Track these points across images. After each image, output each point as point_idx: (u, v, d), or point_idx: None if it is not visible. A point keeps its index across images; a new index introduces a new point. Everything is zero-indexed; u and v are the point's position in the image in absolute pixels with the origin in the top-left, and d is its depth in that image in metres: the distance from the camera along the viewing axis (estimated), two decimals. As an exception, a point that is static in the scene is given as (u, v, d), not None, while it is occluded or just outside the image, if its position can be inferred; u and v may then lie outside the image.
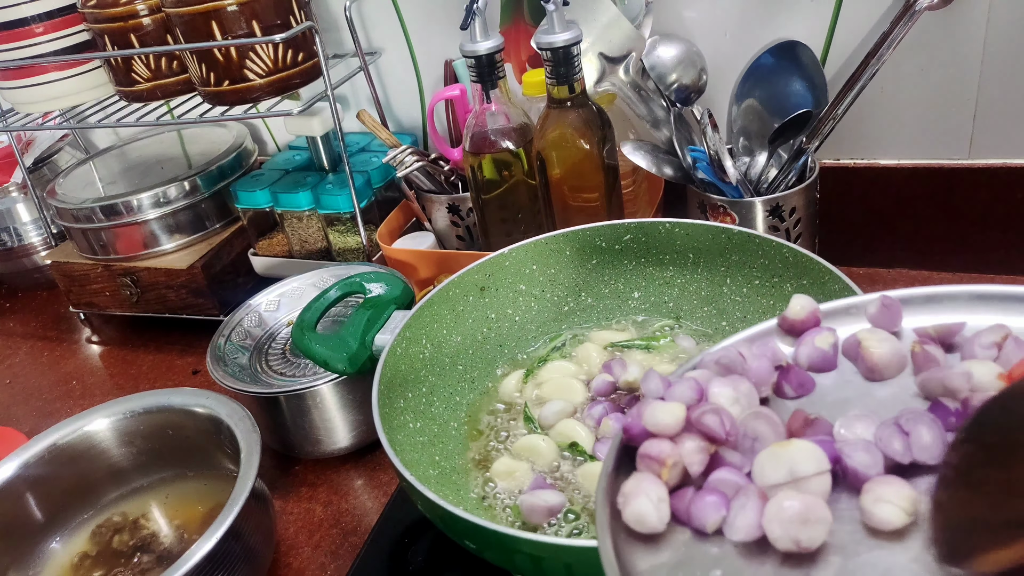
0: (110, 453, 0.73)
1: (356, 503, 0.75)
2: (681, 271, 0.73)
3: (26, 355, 1.10)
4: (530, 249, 0.74)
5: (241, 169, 1.07)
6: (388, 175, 0.99)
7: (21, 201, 1.19)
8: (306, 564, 0.70)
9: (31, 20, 0.96)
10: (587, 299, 0.76)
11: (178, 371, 0.99)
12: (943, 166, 0.84)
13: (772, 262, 0.67)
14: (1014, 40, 0.77)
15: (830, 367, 0.39)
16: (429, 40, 0.99)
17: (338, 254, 0.99)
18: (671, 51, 0.83)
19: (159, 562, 0.68)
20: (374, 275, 0.73)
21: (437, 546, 0.66)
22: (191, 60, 0.88)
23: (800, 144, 0.80)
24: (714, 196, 0.79)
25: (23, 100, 1.02)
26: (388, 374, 0.62)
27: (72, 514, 0.72)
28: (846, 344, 0.40)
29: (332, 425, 0.76)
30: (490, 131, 0.80)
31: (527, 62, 0.88)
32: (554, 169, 0.78)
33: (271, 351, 0.83)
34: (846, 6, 0.81)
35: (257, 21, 0.84)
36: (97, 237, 1.02)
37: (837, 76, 0.84)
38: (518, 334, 0.74)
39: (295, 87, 0.90)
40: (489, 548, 0.50)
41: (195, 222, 1.03)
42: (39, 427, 0.76)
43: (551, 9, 0.71)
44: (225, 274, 1.02)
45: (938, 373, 0.35)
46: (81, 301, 1.07)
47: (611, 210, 0.80)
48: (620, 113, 0.85)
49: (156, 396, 0.73)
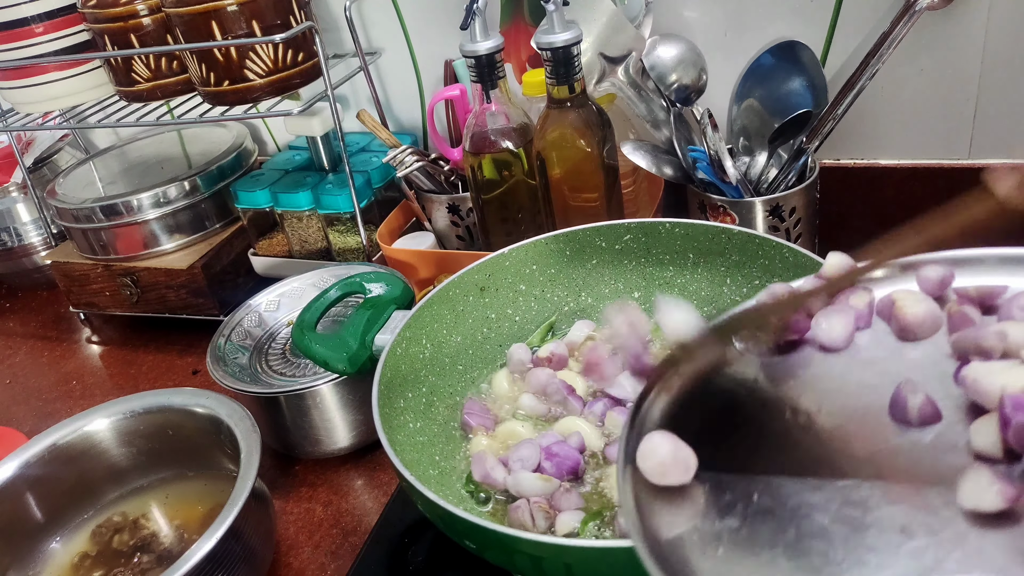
0: (110, 453, 0.73)
1: (356, 503, 0.75)
2: (681, 271, 0.73)
3: (26, 355, 1.10)
4: (530, 249, 0.74)
5: (241, 169, 1.07)
6: (388, 175, 0.99)
7: (21, 201, 1.19)
8: (306, 564, 0.70)
9: (31, 20, 0.96)
10: (587, 299, 0.76)
11: (178, 371, 0.99)
12: (943, 166, 0.84)
13: (772, 262, 0.67)
14: (1014, 40, 0.77)
15: (864, 325, 0.39)
16: (429, 40, 0.99)
17: (338, 254, 0.99)
18: (671, 51, 0.83)
19: (159, 562, 0.68)
20: (374, 275, 0.73)
21: (437, 546, 0.66)
22: (191, 60, 0.88)
23: (800, 144, 0.80)
24: (714, 196, 0.79)
25: (23, 100, 1.02)
26: (388, 374, 0.62)
27: (72, 514, 0.72)
28: (881, 304, 0.40)
29: (332, 425, 0.76)
30: (490, 131, 0.80)
31: (527, 62, 0.88)
32: (554, 169, 0.78)
33: (271, 351, 0.83)
34: (846, 6, 0.81)
35: (257, 21, 0.84)
36: (97, 237, 1.02)
37: (837, 76, 0.84)
38: (518, 334, 0.74)
39: (295, 87, 0.90)
40: (489, 548, 0.50)
41: (195, 222, 1.03)
42: (39, 427, 0.76)
43: (551, 9, 0.71)
44: (225, 274, 1.02)
45: (972, 332, 0.35)
46: (81, 301, 1.07)
47: (611, 210, 0.80)
48: (620, 113, 0.85)
49: (156, 396, 0.73)
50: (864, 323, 0.40)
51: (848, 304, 0.40)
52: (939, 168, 0.84)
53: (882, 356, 0.38)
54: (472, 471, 0.62)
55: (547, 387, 0.67)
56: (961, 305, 0.38)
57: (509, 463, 0.61)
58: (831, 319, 0.39)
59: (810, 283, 0.42)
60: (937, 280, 0.39)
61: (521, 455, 0.60)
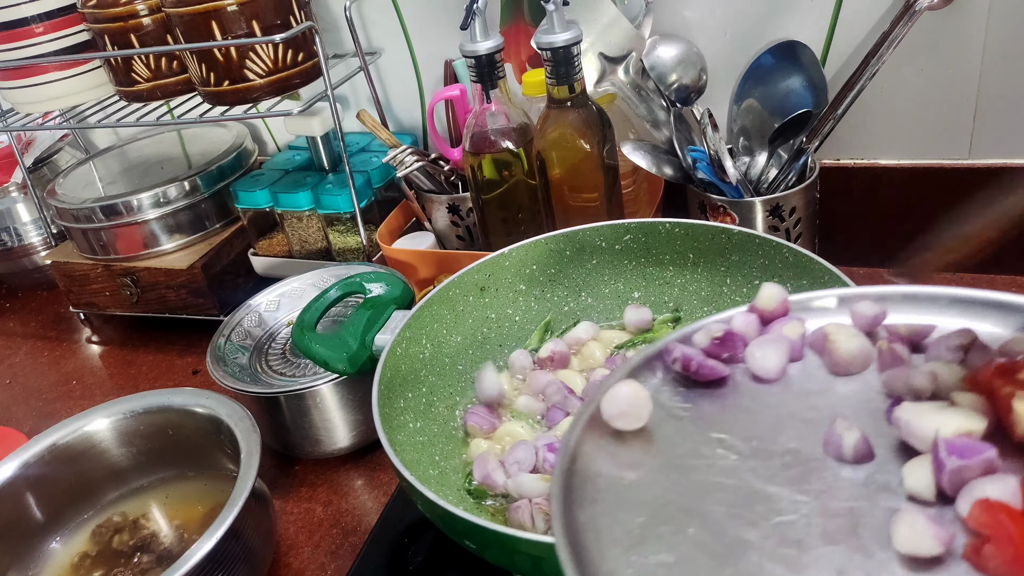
0: (110, 453, 0.73)
1: (356, 503, 0.75)
2: (681, 271, 0.73)
3: (26, 355, 1.10)
4: (530, 249, 0.74)
5: (241, 169, 1.07)
6: (388, 175, 0.99)
7: (21, 201, 1.19)
8: (306, 564, 0.70)
9: (31, 20, 0.96)
10: (587, 299, 0.76)
11: (178, 371, 0.99)
12: (943, 166, 0.84)
13: (772, 262, 0.67)
14: (1014, 40, 0.77)
15: (796, 357, 0.39)
16: (429, 40, 0.99)
17: (338, 254, 0.99)
18: (671, 51, 0.83)
19: (159, 562, 0.68)
20: (374, 275, 0.73)
21: (437, 546, 0.66)
22: (191, 60, 0.88)
23: (800, 144, 0.80)
24: (714, 196, 0.79)
25: (23, 100, 1.02)
26: (388, 374, 0.62)
27: (72, 514, 0.72)
28: (813, 336, 0.40)
29: (332, 425, 0.76)
30: (490, 131, 0.80)
31: (527, 62, 0.88)
32: (554, 169, 0.78)
33: (271, 351, 0.83)
34: (846, 6, 0.81)
35: (257, 21, 0.84)
36: (97, 237, 1.02)
37: (837, 76, 0.84)
38: (518, 334, 0.74)
39: (295, 87, 0.90)
40: (489, 548, 0.50)
41: (195, 222, 1.03)
42: (39, 427, 0.76)
43: (551, 9, 0.71)
44: (225, 274, 1.02)
45: (903, 372, 0.36)
46: (81, 301, 1.07)
47: (611, 210, 0.80)
48: (620, 113, 0.85)
49: (156, 396, 0.73)
50: (797, 355, 0.40)
51: (782, 335, 0.40)
52: (939, 168, 0.84)
53: (815, 390, 0.38)
54: (473, 472, 0.62)
55: (547, 388, 0.67)
56: (892, 343, 0.38)
57: (506, 465, 0.61)
58: (765, 349, 0.39)
59: (742, 317, 0.41)
60: (870, 316, 0.39)
61: (517, 457, 0.60)
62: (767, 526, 0.31)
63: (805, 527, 0.31)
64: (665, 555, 0.31)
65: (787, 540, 0.31)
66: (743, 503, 0.33)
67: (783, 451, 0.35)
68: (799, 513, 0.32)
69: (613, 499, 0.34)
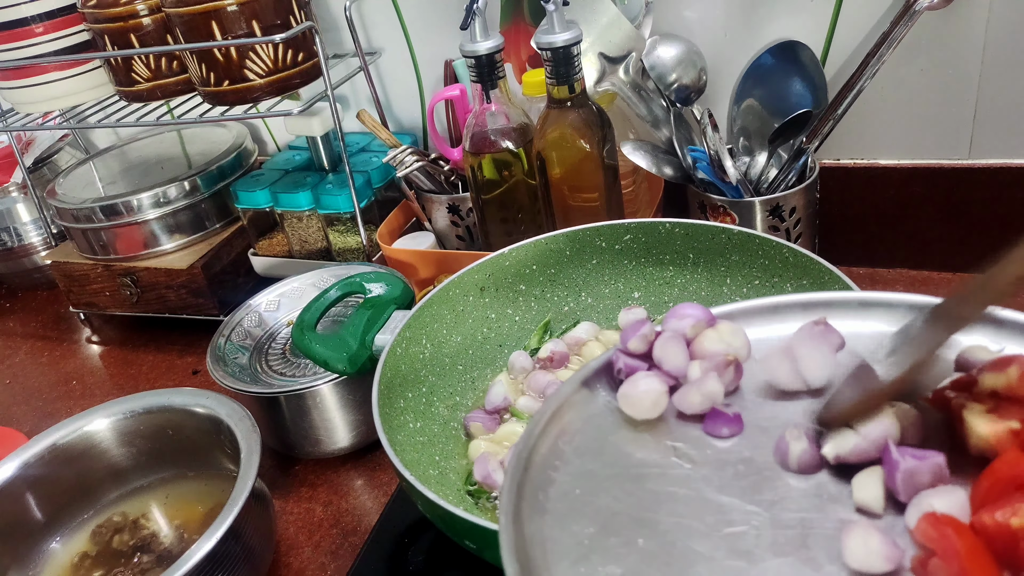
0: (110, 453, 0.73)
1: (356, 503, 0.75)
2: (681, 271, 0.73)
3: (26, 355, 1.10)
4: (530, 249, 0.74)
5: (241, 169, 1.07)
6: (388, 175, 0.99)
7: (21, 201, 1.19)
8: (306, 564, 0.70)
9: (31, 20, 0.96)
10: (587, 299, 0.76)
11: (178, 371, 0.99)
12: (943, 166, 0.84)
13: (772, 262, 0.67)
14: (1014, 40, 0.77)
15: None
16: (429, 40, 0.99)
17: (338, 254, 0.99)
18: (671, 51, 0.83)
19: (159, 562, 0.68)
20: (374, 275, 0.73)
21: (437, 546, 0.66)
22: (191, 60, 0.88)
23: (800, 144, 0.80)
24: (714, 196, 0.79)
25: (23, 100, 1.02)
26: (388, 374, 0.62)
27: (72, 514, 0.72)
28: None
29: (332, 425, 0.76)
30: (490, 131, 0.80)
31: (527, 62, 0.88)
32: (554, 169, 0.78)
33: (271, 351, 0.83)
34: (846, 6, 0.81)
35: (257, 21, 0.84)
36: (97, 237, 1.02)
37: (837, 76, 0.84)
38: (518, 334, 0.74)
39: (295, 87, 0.90)
40: (489, 548, 0.50)
41: (195, 222, 1.03)
42: (39, 427, 0.76)
43: (551, 9, 0.71)
44: (225, 274, 1.02)
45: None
46: (81, 301, 1.07)
47: (611, 210, 0.80)
48: (620, 113, 0.85)
49: (156, 396, 0.73)
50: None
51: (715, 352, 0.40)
52: (939, 168, 0.84)
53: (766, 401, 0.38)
54: (473, 472, 0.62)
55: (547, 388, 0.67)
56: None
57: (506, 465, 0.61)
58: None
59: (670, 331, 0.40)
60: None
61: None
62: (717, 537, 0.31)
63: (755, 538, 0.31)
64: (613, 567, 0.31)
65: (736, 551, 0.30)
66: (694, 513, 0.32)
67: (737, 460, 0.35)
68: (750, 524, 0.32)
69: (565, 509, 0.33)
